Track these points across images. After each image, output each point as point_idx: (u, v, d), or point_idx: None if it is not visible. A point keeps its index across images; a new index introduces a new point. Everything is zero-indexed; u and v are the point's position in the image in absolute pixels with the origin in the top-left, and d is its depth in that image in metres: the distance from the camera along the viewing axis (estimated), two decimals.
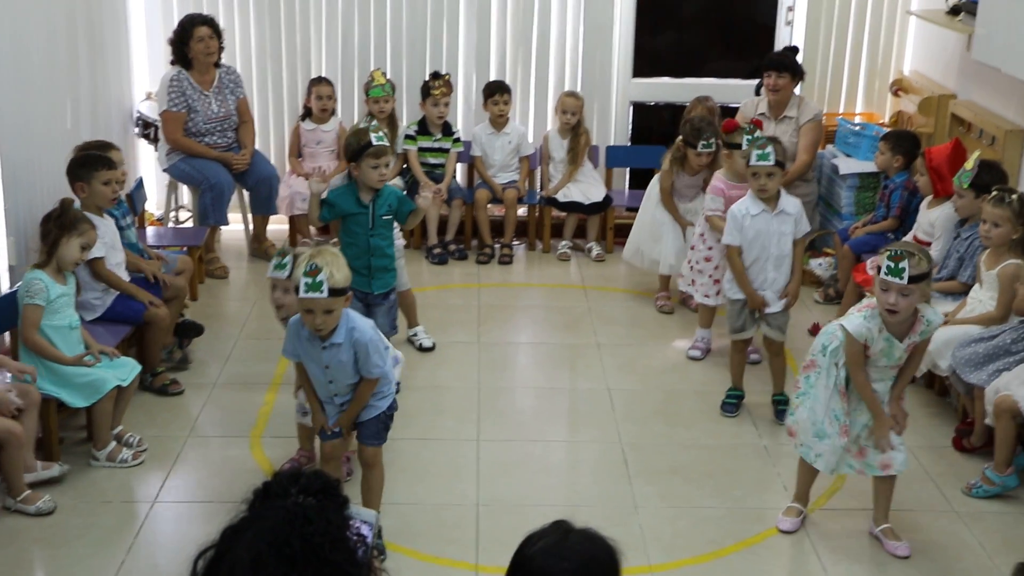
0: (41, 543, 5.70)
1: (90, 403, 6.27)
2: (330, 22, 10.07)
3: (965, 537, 5.89)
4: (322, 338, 5.36)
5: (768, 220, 6.85)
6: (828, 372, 5.67)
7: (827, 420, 5.64)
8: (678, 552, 5.73)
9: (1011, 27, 7.17)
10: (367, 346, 5.41)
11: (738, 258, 6.93)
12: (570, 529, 3.05)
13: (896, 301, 5.30)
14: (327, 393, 5.61)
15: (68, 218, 6.31)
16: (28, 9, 7.49)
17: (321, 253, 5.28)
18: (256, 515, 2.73)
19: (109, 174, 6.99)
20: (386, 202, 6.77)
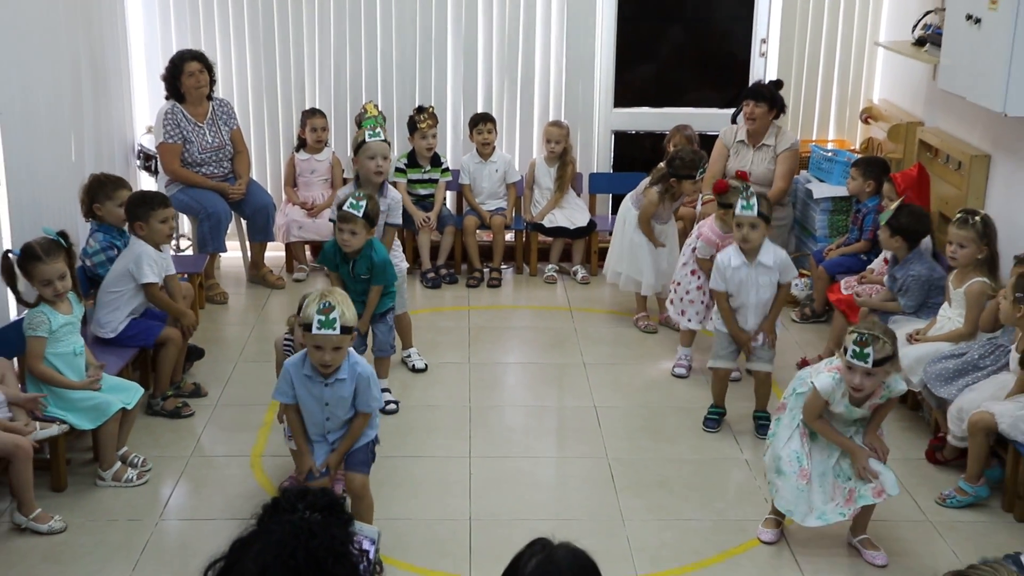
0: (50, 560, 5.68)
1: (96, 425, 6.25)
2: (323, 56, 10.10)
3: (939, 546, 5.91)
4: (325, 376, 5.38)
5: (747, 272, 6.92)
6: (793, 413, 5.73)
7: (785, 459, 5.68)
8: (664, 563, 5.73)
9: (974, 58, 7.20)
10: (368, 379, 5.47)
11: (726, 302, 7.00)
12: (550, 545, 3.06)
13: (861, 382, 5.35)
14: (321, 431, 5.62)
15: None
16: (35, 47, 7.51)
17: (332, 293, 5.35)
18: (264, 529, 2.76)
19: (165, 212, 7.08)
20: (365, 263, 6.78)
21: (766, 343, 7.03)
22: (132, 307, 7.09)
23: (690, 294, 7.87)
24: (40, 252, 6.17)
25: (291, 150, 9.90)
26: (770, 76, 9.93)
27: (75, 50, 8.29)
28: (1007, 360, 6.37)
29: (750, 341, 7.00)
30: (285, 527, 2.73)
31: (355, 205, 6.60)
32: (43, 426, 5.97)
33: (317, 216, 9.50)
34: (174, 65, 9.02)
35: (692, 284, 7.86)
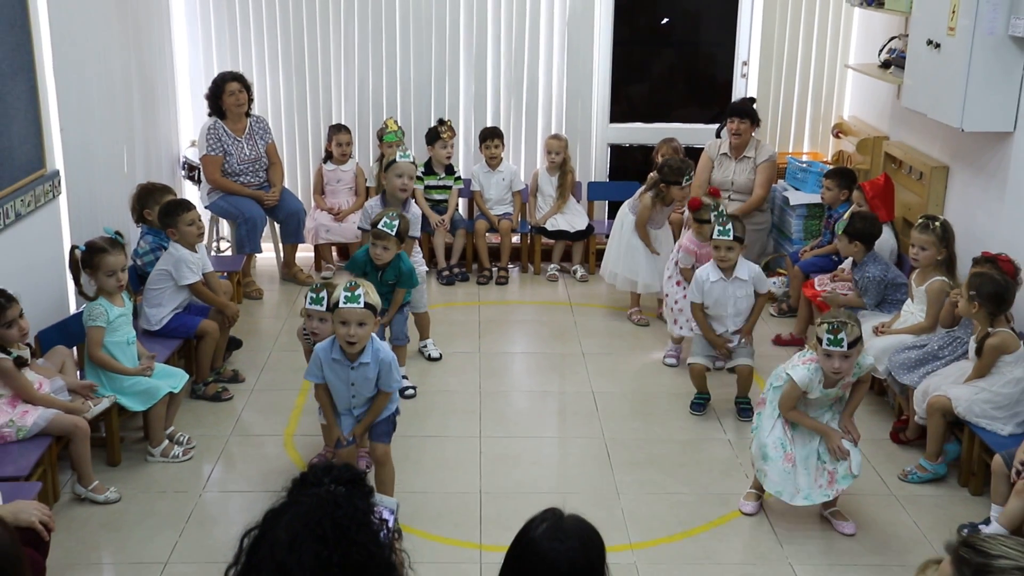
0: (107, 527, 5.70)
1: (146, 407, 6.29)
2: (348, 77, 10.10)
3: (902, 517, 5.92)
4: (351, 358, 5.39)
5: (724, 286, 6.99)
6: (772, 406, 5.75)
7: (771, 445, 5.70)
8: (655, 532, 5.74)
9: (934, 79, 7.21)
10: (390, 364, 5.48)
11: (701, 312, 7.07)
12: (562, 515, 3.09)
13: (840, 365, 5.38)
14: (347, 407, 5.64)
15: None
16: (91, 69, 7.55)
17: (359, 281, 5.35)
18: (294, 500, 2.79)
19: (191, 215, 7.07)
20: (393, 272, 6.81)
21: (742, 342, 7.08)
22: (175, 303, 7.11)
23: (679, 303, 7.84)
24: (106, 245, 6.27)
25: (319, 162, 9.90)
26: (751, 94, 9.94)
27: (127, 73, 8.32)
28: (964, 350, 6.37)
29: (725, 344, 7.05)
30: (313, 499, 2.77)
31: (389, 224, 6.64)
32: (95, 402, 6.01)
33: (343, 220, 9.50)
34: (216, 85, 9.05)
35: (679, 294, 7.83)
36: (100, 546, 5.57)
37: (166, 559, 5.45)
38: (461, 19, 10.01)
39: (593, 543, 3.06)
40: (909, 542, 5.62)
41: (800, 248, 8.70)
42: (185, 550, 5.53)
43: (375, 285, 6.70)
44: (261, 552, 2.73)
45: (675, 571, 5.42)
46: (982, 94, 6.82)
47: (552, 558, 2.98)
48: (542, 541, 3.01)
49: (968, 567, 2.94)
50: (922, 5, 7.46)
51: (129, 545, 5.57)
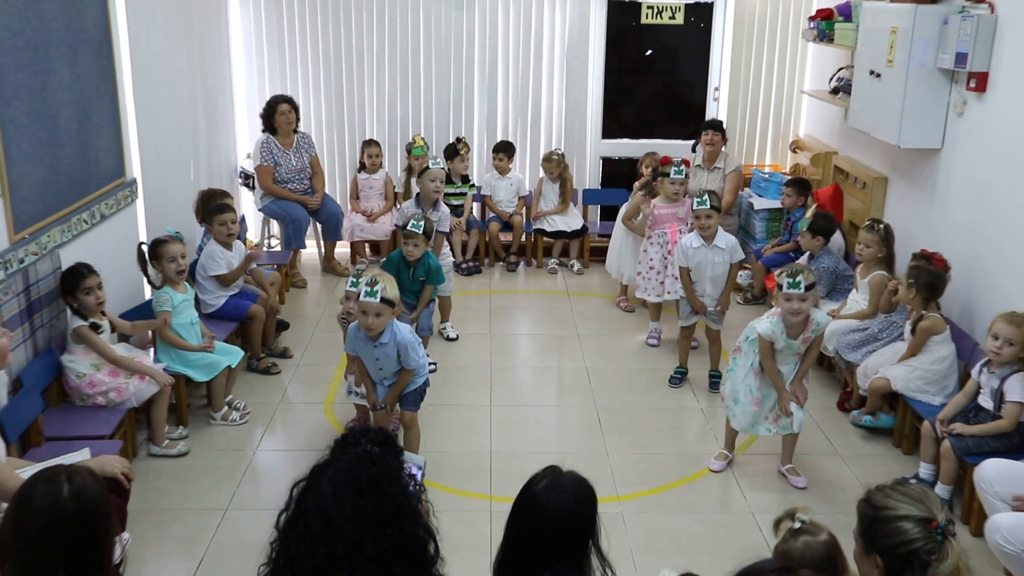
0: (176, 479, 5.77)
1: (209, 378, 6.35)
2: (379, 99, 10.10)
3: (846, 473, 5.97)
4: (372, 339, 5.41)
5: (705, 252, 6.98)
6: (747, 355, 5.77)
7: (742, 391, 5.74)
8: (639, 486, 5.78)
9: (875, 103, 7.22)
10: (407, 347, 5.48)
11: (686, 275, 7.06)
12: (561, 471, 3.11)
13: (798, 307, 5.40)
14: (378, 377, 5.66)
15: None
16: (163, 93, 7.57)
17: (381, 276, 5.37)
18: (335, 457, 2.82)
19: (224, 216, 7.07)
20: (423, 269, 6.80)
21: (718, 309, 7.09)
22: (221, 289, 7.13)
23: (647, 273, 7.89)
24: (166, 238, 6.34)
25: (355, 171, 9.89)
26: (722, 116, 9.97)
27: (193, 95, 8.35)
28: (899, 333, 6.41)
29: (704, 307, 7.06)
30: (352, 456, 2.79)
31: (416, 225, 6.65)
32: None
33: (374, 221, 9.52)
34: (269, 106, 9.06)
35: (647, 264, 7.90)
36: (171, 494, 5.61)
37: (226, 506, 5.49)
38: (476, 50, 10.01)
39: (586, 496, 3.08)
40: (852, 493, 5.58)
41: (762, 246, 8.71)
42: (242, 498, 5.58)
43: (407, 282, 6.75)
44: (307, 500, 2.75)
45: (655, 519, 5.44)
46: (915, 116, 6.84)
47: (551, 508, 3.01)
48: (543, 494, 3.04)
49: (863, 519, 2.99)
50: (866, 41, 7.48)
51: (195, 494, 5.62)
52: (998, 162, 6.22)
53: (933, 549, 2.78)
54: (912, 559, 2.79)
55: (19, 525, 2.87)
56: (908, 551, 2.80)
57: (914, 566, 2.79)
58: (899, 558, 2.82)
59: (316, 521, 2.71)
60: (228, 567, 4.93)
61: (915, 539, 2.80)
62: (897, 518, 2.84)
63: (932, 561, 2.77)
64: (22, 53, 5.49)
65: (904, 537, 2.82)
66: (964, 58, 6.40)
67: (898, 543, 2.82)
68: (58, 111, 5.91)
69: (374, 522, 2.70)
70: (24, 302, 5.49)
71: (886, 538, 2.85)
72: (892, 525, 2.85)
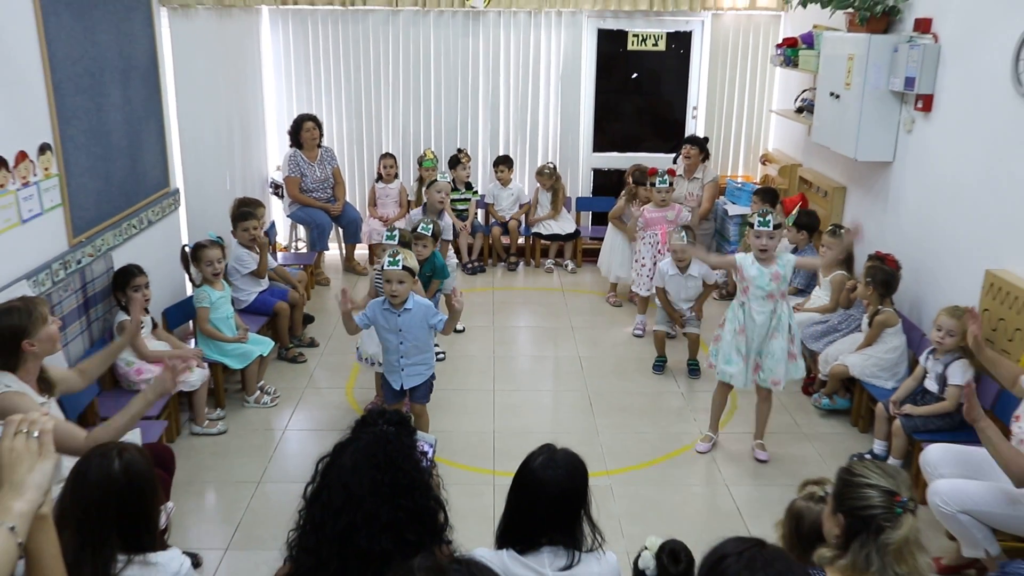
0: (215, 455, 5.81)
1: (243, 366, 6.38)
2: (395, 116, 10.08)
3: (808, 449, 5.99)
4: (396, 307, 5.24)
5: (679, 280, 7.11)
6: (731, 322, 5.74)
7: (733, 352, 5.71)
8: (625, 462, 5.81)
9: (835, 121, 7.22)
10: (428, 307, 5.33)
11: (663, 294, 7.18)
12: (555, 449, 3.13)
13: (766, 243, 5.45)
14: (397, 355, 5.36)
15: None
16: (203, 113, 7.62)
17: (402, 250, 5.28)
18: (356, 436, 2.83)
19: (246, 223, 7.08)
20: (430, 266, 6.74)
21: (694, 316, 7.16)
22: (249, 288, 7.14)
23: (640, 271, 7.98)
24: (206, 243, 6.37)
25: (372, 181, 9.90)
26: (699, 133, 9.96)
27: (229, 115, 8.39)
28: (857, 325, 6.44)
29: (681, 317, 7.15)
30: (370, 436, 2.80)
31: (425, 228, 6.65)
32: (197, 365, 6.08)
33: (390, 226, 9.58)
34: (296, 124, 9.09)
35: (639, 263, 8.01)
36: (210, 468, 5.65)
37: (259, 479, 5.53)
38: (480, 73, 10.00)
39: (578, 471, 3.09)
40: (813, 466, 5.68)
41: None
42: (272, 472, 5.61)
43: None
44: (331, 475, 2.77)
45: (641, 491, 5.47)
46: (870, 133, 6.86)
47: (547, 482, 3.03)
48: (539, 469, 3.06)
49: (840, 482, 3.03)
50: (826, 66, 7.49)
51: (231, 468, 5.66)
52: (942, 173, 6.26)
53: (890, 518, 2.80)
54: (870, 523, 2.82)
55: (77, 495, 2.90)
56: (868, 515, 2.83)
57: (870, 529, 2.82)
58: (859, 520, 2.85)
59: (338, 493, 2.72)
60: (261, 533, 4.96)
61: (877, 506, 2.83)
62: (867, 485, 2.88)
63: (886, 528, 2.80)
64: (81, 79, 5.54)
65: (868, 502, 2.85)
66: (912, 82, 6.42)
67: (861, 506, 2.85)
68: (111, 129, 5.95)
69: (389, 494, 2.71)
70: (81, 298, 5.53)
71: (852, 500, 2.89)
72: (861, 490, 2.88)
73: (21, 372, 4.10)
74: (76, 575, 2.63)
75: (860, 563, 2.81)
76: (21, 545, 2.01)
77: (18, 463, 2.07)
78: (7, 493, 2.04)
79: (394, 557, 2.63)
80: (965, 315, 5.19)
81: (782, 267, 5.54)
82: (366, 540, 2.67)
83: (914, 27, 6.60)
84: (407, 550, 2.63)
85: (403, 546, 2.67)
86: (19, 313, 4.06)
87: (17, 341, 4.03)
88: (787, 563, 2.19)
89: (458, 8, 9.63)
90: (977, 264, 5.73)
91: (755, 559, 2.19)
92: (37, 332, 4.08)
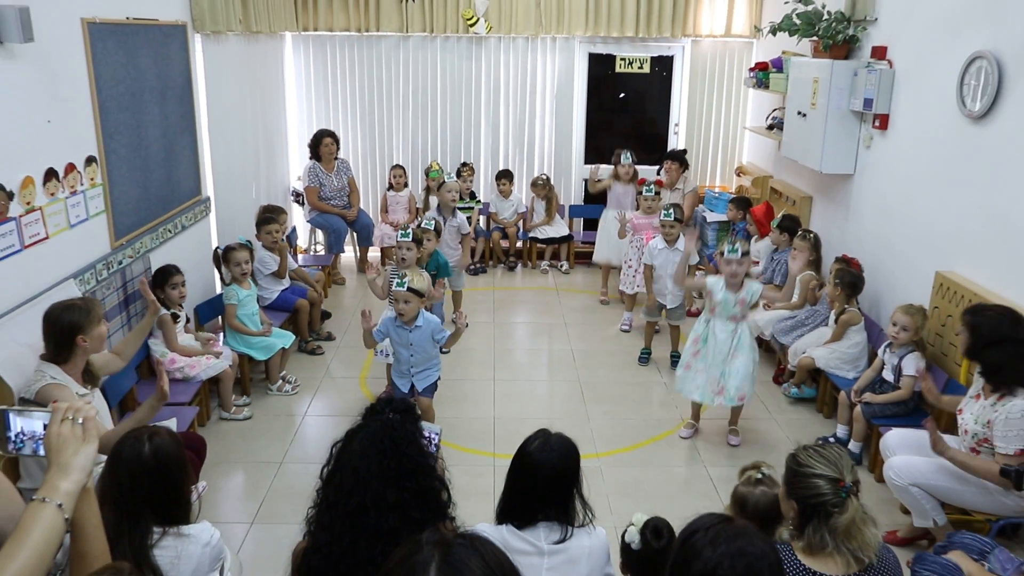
0: (241, 438, 5.82)
1: (267, 357, 6.39)
2: (404, 130, 10.09)
3: (778, 432, 6.02)
4: (407, 324, 5.33)
5: (668, 253, 7.04)
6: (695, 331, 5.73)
7: (690, 367, 5.72)
8: (614, 445, 5.82)
9: (802, 137, 7.21)
10: (438, 324, 5.40)
11: (650, 272, 7.16)
12: (550, 433, 3.11)
13: (735, 269, 5.44)
14: (407, 366, 5.47)
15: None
16: (232, 128, 7.61)
17: (412, 271, 5.36)
18: (365, 424, 2.82)
19: (269, 227, 7.08)
20: (434, 263, 6.74)
21: (677, 307, 7.13)
22: (272, 286, 7.14)
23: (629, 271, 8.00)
24: (235, 245, 6.39)
25: (384, 190, 9.91)
26: (680, 147, 9.96)
27: (255, 130, 8.38)
28: (823, 320, 6.46)
29: (655, 304, 7.19)
30: (377, 423, 2.79)
31: (428, 223, 6.71)
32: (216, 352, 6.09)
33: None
34: (316, 139, 9.08)
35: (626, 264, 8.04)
36: (237, 450, 5.66)
37: (281, 460, 5.54)
38: (482, 92, 10.01)
39: (571, 453, 3.08)
40: (783, 448, 5.64)
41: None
42: (293, 454, 5.62)
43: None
44: (343, 459, 2.76)
45: (627, 471, 5.48)
46: (833, 148, 6.88)
47: (542, 463, 3.01)
48: (535, 452, 3.04)
49: (788, 471, 3.04)
50: (794, 88, 7.50)
51: (256, 450, 5.67)
52: (897, 185, 6.29)
53: (837, 503, 2.82)
54: (820, 509, 2.85)
55: (113, 475, 2.92)
56: (817, 503, 2.86)
57: (820, 515, 2.85)
58: (810, 507, 2.87)
59: (349, 476, 2.71)
60: (282, 509, 4.97)
61: (824, 494, 2.85)
62: (813, 475, 2.89)
63: (835, 513, 2.82)
64: (123, 98, 5.56)
65: (816, 491, 2.86)
66: (870, 103, 6.45)
67: (811, 495, 2.87)
68: (150, 143, 5.96)
69: (395, 477, 2.70)
70: (122, 295, 5.55)
71: (802, 490, 2.90)
72: (808, 480, 2.90)
73: (68, 366, 4.14)
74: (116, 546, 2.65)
75: (816, 543, 2.84)
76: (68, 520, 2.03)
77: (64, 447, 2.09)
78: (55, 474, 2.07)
79: (401, 533, 2.63)
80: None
81: (749, 295, 5.55)
82: (375, 519, 2.66)
83: (872, 54, 6.63)
84: (413, 527, 2.63)
85: (409, 524, 2.66)
86: (79, 311, 4.14)
87: (73, 335, 4.11)
88: (749, 538, 2.22)
89: (462, 34, 9.66)
90: (928, 266, 5.76)
91: (720, 535, 2.22)
92: (91, 330, 4.16)
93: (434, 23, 9.58)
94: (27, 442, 2.22)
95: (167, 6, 6.31)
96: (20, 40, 4.28)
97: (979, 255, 5.30)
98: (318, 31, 9.61)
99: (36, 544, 1.94)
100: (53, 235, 4.80)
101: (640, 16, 9.57)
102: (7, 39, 4.28)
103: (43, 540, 1.96)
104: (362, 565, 2.64)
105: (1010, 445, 4.08)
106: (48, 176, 4.73)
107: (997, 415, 4.15)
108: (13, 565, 1.91)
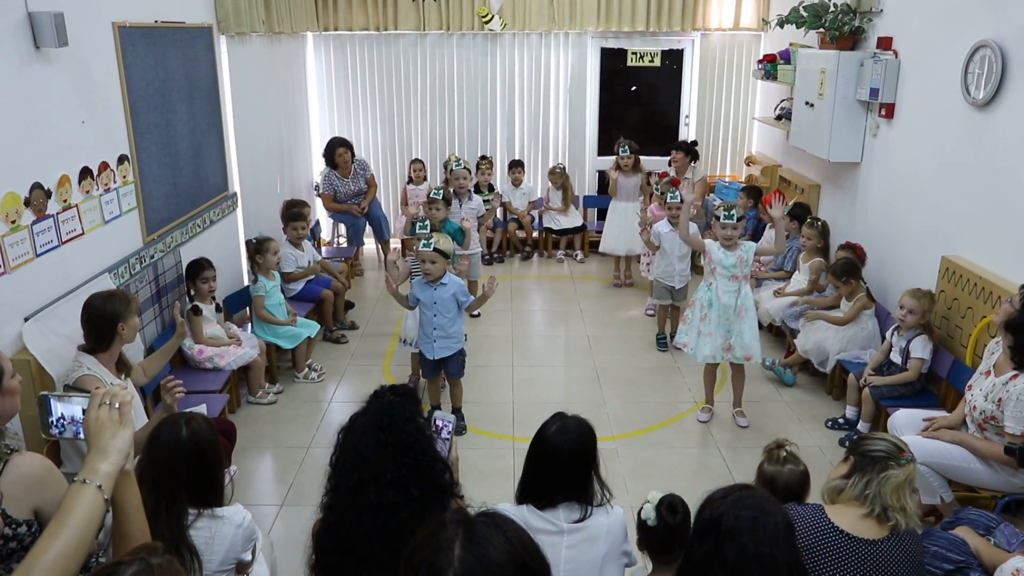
0: (270, 423, 5.86)
1: (293, 346, 6.42)
2: (423, 125, 10.11)
3: (788, 414, 5.99)
4: (433, 283, 5.42)
5: (673, 236, 7.01)
6: (700, 299, 5.71)
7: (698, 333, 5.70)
8: (629, 427, 5.82)
9: (810, 127, 7.22)
10: (462, 286, 5.49)
11: (655, 249, 7.24)
12: (567, 417, 3.11)
13: (730, 233, 5.47)
14: (431, 327, 5.50)
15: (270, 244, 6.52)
16: (257, 127, 7.64)
17: (436, 234, 5.41)
18: (368, 406, 2.85)
19: (295, 223, 7.12)
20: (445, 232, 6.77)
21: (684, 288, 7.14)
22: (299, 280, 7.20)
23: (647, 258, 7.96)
24: (269, 236, 6.45)
25: (403, 183, 9.94)
26: (691, 138, 9.93)
27: (279, 127, 8.41)
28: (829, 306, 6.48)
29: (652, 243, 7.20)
30: (378, 404, 2.82)
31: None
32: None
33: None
34: (330, 148, 8.99)
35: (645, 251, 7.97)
36: (267, 436, 5.70)
37: (308, 444, 5.57)
38: (498, 87, 10.02)
39: (588, 436, 3.07)
40: (793, 429, 5.70)
41: None
42: (320, 438, 5.65)
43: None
44: (346, 441, 2.80)
45: (642, 453, 5.48)
46: (841, 137, 6.86)
47: (560, 446, 3.02)
48: (554, 435, 3.05)
49: (854, 444, 3.09)
50: (802, 79, 7.49)
51: (284, 434, 5.70)
52: (903, 172, 6.26)
53: (895, 463, 2.89)
54: (878, 461, 2.90)
55: (151, 457, 2.95)
56: (877, 455, 2.92)
57: (875, 464, 2.90)
58: (868, 458, 2.93)
59: (350, 454, 2.75)
60: (311, 491, 4.98)
61: (888, 452, 2.92)
62: (881, 439, 3.00)
63: (891, 466, 2.87)
64: (152, 99, 5.60)
65: (880, 447, 2.95)
66: (876, 92, 6.43)
67: (874, 449, 2.96)
68: (179, 142, 6.01)
69: (393, 452, 2.72)
70: (154, 288, 5.60)
71: (866, 444, 2.99)
72: (875, 440, 3.00)
73: (103, 356, 4.19)
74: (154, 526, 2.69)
75: (857, 493, 2.89)
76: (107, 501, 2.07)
77: (102, 430, 2.13)
78: (94, 456, 2.10)
79: (401, 510, 2.66)
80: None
81: (745, 252, 5.55)
82: (375, 494, 2.68)
83: (877, 45, 6.59)
84: (413, 504, 2.67)
85: (409, 500, 2.69)
86: (119, 300, 4.24)
87: (114, 324, 4.19)
88: (763, 500, 2.29)
89: (478, 31, 9.66)
90: (934, 251, 5.74)
91: (739, 499, 2.31)
92: (129, 319, 4.24)
93: (450, 21, 9.58)
94: (67, 426, 2.26)
95: (193, 9, 6.34)
96: (55, 45, 4.33)
97: (984, 240, 5.28)
98: (338, 30, 9.62)
99: (77, 523, 1.98)
100: (88, 231, 4.85)
101: (651, 11, 9.54)
102: (43, 44, 4.33)
103: (84, 520, 1.99)
104: (365, 539, 2.67)
105: (1019, 425, 4.06)
106: (83, 174, 4.78)
107: (1009, 394, 4.12)
108: (56, 543, 1.95)
